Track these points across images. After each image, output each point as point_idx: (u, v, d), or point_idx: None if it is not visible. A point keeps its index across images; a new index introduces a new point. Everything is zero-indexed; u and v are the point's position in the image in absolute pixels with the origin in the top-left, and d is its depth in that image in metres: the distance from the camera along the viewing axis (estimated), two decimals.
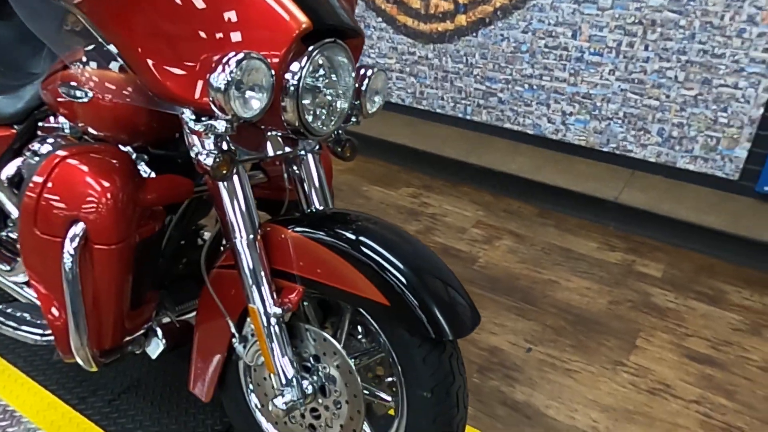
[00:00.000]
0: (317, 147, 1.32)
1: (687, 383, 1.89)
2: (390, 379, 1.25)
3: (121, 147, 1.30)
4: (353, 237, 1.15)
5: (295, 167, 1.33)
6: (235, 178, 1.16)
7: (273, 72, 1.02)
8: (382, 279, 1.09)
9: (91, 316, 1.17)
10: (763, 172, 2.56)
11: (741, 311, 2.24)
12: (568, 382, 1.87)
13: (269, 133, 1.21)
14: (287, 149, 1.25)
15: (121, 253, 1.14)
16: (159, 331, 1.44)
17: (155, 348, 1.44)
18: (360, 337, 1.30)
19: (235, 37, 1.04)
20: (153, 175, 1.34)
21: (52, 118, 1.53)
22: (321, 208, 1.33)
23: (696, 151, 2.69)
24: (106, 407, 1.64)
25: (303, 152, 1.31)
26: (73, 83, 1.29)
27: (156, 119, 1.28)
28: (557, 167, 2.97)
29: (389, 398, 1.23)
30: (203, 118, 1.11)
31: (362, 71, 1.21)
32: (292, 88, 1.07)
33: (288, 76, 1.06)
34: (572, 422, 1.73)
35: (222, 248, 1.60)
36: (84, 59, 1.29)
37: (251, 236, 1.17)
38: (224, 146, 1.09)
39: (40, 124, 1.58)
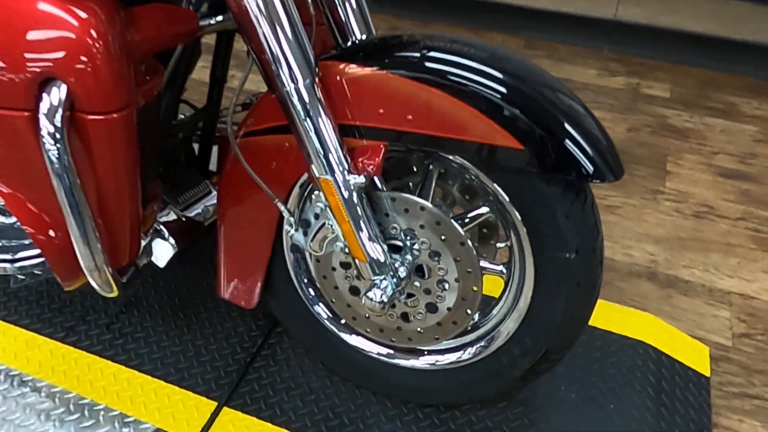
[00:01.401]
0: None
1: (728, 201, 1.80)
2: (501, 245, 1.00)
3: None
4: (451, 63, 0.83)
5: None
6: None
7: None
8: (509, 116, 0.79)
9: (99, 223, 0.79)
10: None
11: (756, 122, 2.15)
12: (614, 219, 1.72)
13: None
14: None
15: (127, 125, 0.74)
16: (165, 232, 1.09)
17: (165, 253, 1.11)
18: (439, 200, 1.03)
19: None
20: None
21: None
22: (364, 37, 0.96)
23: None
24: (105, 334, 1.31)
25: None
26: None
27: None
28: None
29: (499, 267, 0.99)
30: None
31: None
32: None
33: None
34: (631, 260, 1.60)
35: (218, 111, 1.23)
36: None
37: (307, 80, 0.81)
38: None
39: None
